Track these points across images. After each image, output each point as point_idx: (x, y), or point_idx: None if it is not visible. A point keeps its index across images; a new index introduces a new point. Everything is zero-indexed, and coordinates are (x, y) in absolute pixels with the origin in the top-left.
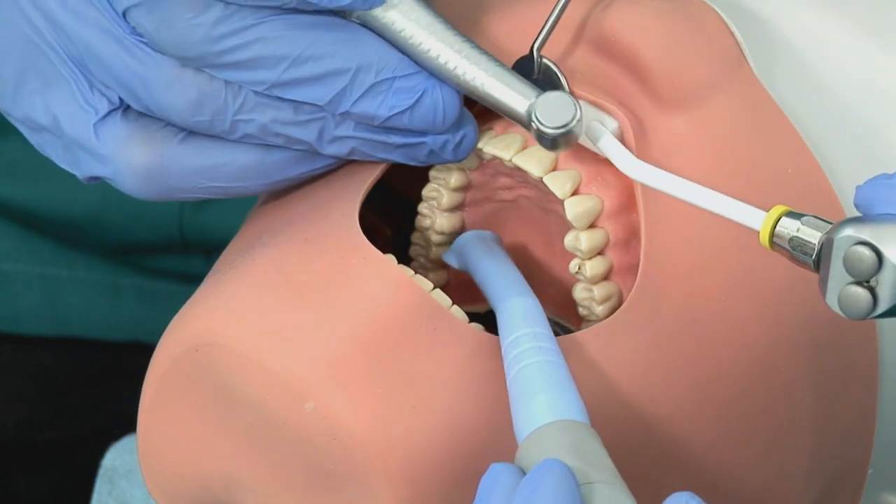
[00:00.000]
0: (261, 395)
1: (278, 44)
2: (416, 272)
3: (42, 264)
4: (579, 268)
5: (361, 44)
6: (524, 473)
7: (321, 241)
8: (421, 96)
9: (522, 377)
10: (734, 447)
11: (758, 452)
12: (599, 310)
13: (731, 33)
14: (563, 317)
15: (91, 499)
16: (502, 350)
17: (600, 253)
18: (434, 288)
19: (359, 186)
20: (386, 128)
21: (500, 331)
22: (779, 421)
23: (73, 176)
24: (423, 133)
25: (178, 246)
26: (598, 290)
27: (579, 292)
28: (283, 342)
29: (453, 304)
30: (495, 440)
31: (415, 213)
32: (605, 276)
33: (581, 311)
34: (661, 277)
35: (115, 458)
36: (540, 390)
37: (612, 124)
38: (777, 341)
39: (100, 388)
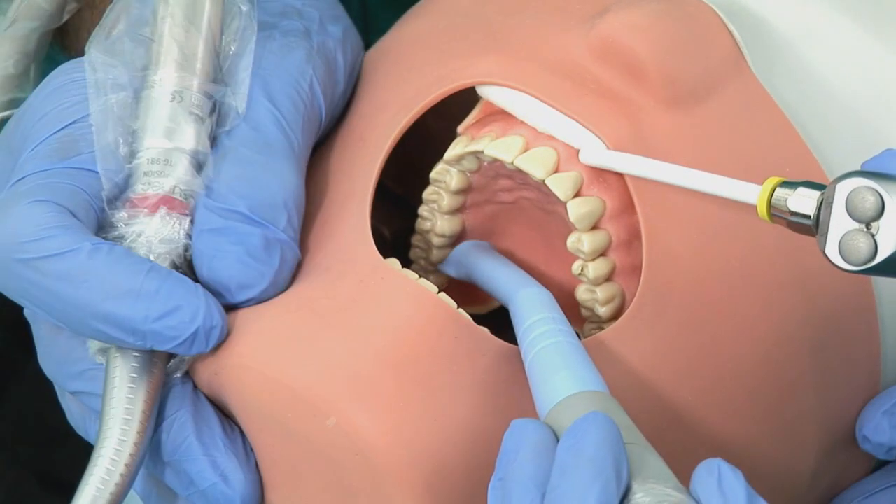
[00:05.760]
0: (282, 412)
1: None
2: (416, 275)
3: None
4: (582, 269)
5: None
6: (553, 433)
7: (339, 267)
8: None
9: (541, 358)
10: (741, 447)
11: (765, 452)
12: (603, 311)
13: (730, 32)
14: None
15: None
16: (518, 337)
17: (603, 254)
18: (439, 291)
19: (362, 201)
20: None
21: (514, 320)
22: (785, 420)
23: None
24: None
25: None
26: (602, 292)
27: (582, 294)
28: (303, 359)
29: (458, 307)
30: None
31: (413, 214)
32: (608, 278)
33: (584, 312)
34: (664, 280)
35: None
36: (560, 367)
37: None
38: (781, 340)
39: None
